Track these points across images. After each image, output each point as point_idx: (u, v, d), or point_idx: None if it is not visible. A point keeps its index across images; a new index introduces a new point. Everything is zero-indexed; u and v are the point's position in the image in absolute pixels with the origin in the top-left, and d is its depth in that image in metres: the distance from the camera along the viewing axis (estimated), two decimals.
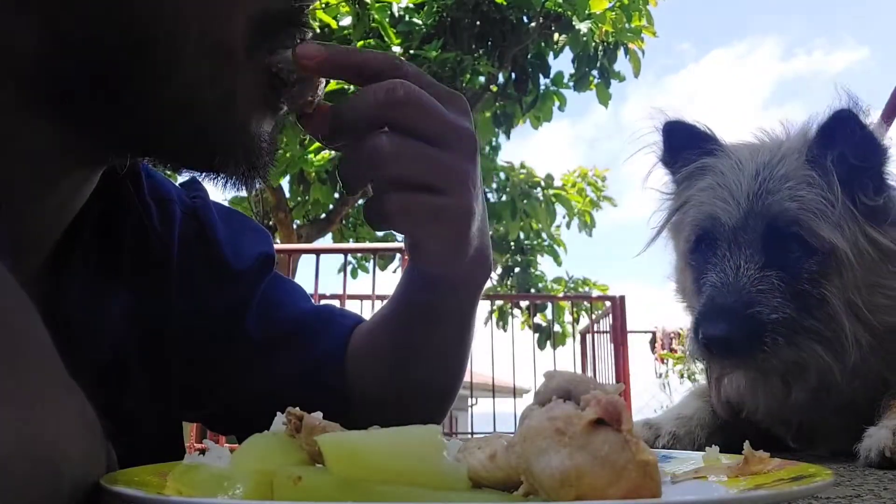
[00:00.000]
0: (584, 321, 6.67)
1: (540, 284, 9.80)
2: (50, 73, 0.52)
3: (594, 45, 7.01)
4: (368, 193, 0.61)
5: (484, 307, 7.46)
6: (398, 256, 6.33)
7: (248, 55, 0.56)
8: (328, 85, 0.63)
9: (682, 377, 6.59)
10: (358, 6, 6.26)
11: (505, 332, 7.67)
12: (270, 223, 7.10)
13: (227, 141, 0.57)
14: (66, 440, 0.32)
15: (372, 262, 5.13)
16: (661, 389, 6.76)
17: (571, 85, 7.47)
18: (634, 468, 0.30)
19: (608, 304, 5.71)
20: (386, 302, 0.79)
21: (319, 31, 6.08)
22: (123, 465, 0.40)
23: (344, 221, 7.84)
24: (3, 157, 0.54)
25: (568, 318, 7.39)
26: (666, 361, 6.82)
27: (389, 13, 6.42)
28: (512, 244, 9.58)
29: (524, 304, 7.69)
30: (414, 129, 0.58)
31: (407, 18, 6.61)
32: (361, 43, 6.14)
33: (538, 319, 7.57)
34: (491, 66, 6.79)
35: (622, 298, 5.53)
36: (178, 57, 0.53)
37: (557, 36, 7.16)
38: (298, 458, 0.38)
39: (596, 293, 9.02)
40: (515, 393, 5.52)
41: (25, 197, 0.57)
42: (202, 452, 0.43)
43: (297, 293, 0.85)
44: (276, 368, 0.78)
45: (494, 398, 5.29)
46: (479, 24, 6.86)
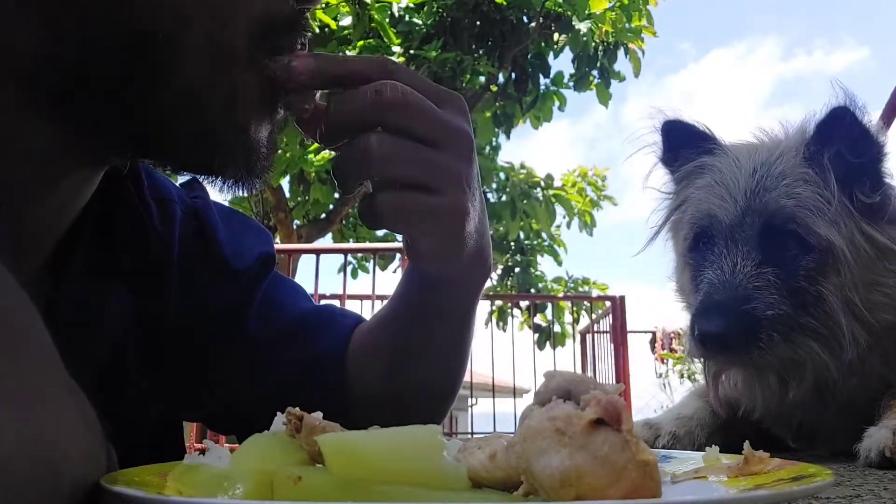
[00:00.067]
0: (584, 321, 6.67)
1: (540, 284, 9.80)
2: (50, 73, 0.52)
3: (594, 45, 7.01)
4: (369, 192, 0.62)
5: (484, 307, 7.46)
6: (398, 256, 6.33)
7: (249, 57, 0.56)
8: None
9: (682, 377, 6.60)
10: (358, 6, 6.26)
11: (505, 332, 7.67)
12: (270, 223, 7.10)
13: (227, 141, 0.57)
14: (66, 440, 0.32)
15: (372, 262, 5.14)
16: (661, 389, 6.77)
17: (571, 85, 7.48)
18: (634, 468, 0.30)
19: (608, 304, 5.71)
20: (386, 302, 0.79)
21: (319, 31, 6.09)
22: (123, 465, 0.40)
23: (344, 221, 7.84)
24: (3, 157, 0.54)
25: (568, 318, 7.39)
26: (666, 361, 6.82)
27: (389, 13, 6.42)
28: (512, 244, 9.58)
29: (524, 304, 7.68)
30: (405, 128, 0.59)
31: (407, 18, 6.61)
32: (361, 43, 6.14)
33: (538, 319, 7.56)
34: (491, 66, 6.79)
35: (622, 298, 5.53)
36: (178, 57, 0.53)
37: (557, 36, 7.16)
38: (298, 458, 0.38)
39: (596, 293, 9.02)
40: (515, 393, 5.52)
41: (25, 197, 0.57)
42: (202, 452, 0.43)
43: (297, 293, 0.85)
44: (276, 368, 0.78)
45: (494, 398, 5.29)
46: (479, 24, 6.86)
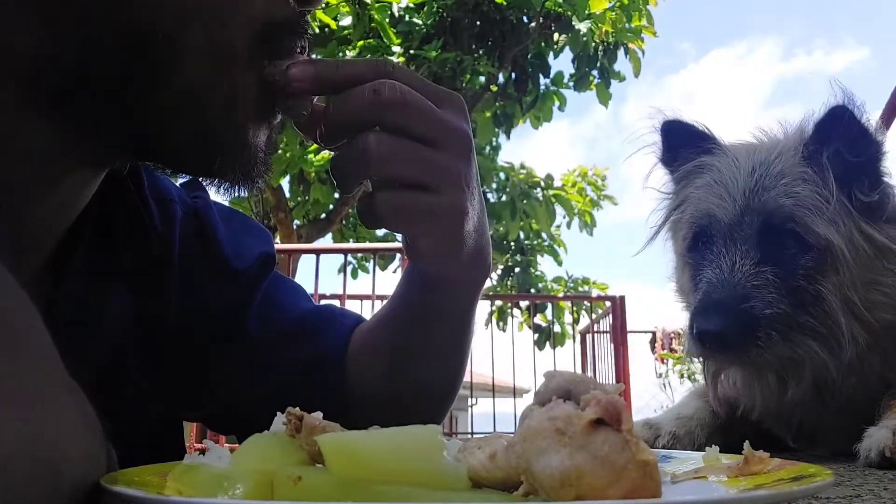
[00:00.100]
0: (584, 321, 6.67)
1: (540, 284, 9.79)
2: (50, 73, 0.52)
3: (594, 45, 7.01)
4: (368, 192, 0.62)
5: (484, 307, 7.46)
6: (398, 256, 6.33)
7: (249, 58, 0.56)
8: None
9: (682, 377, 6.59)
10: (358, 6, 6.26)
11: (505, 332, 7.67)
12: (270, 223, 7.10)
13: (227, 142, 0.57)
14: (66, 440, 0.32)
15: (372, 262, 5.14)
16: (661, 389, 6.77)
17: (571, 85, 7.48)
18: (634, 468, 0.30)
19: (608, 304, 5.71)
20: (386, 302, 0.79)
21: (319, 31, 6.09)
22: (123, 465, 0.40)
23: (344, 221, 7.84)
24: (3, 157, 0.54)
25: (568, 318, 7.39)
26: (666, 361, 6.82)
27: (389, 13, 6.42)
28: (512, 244, 9.57)
29: (524, 304, 7.68)
30: (403, 127, 0.59)
31: (407, 18, 6.61)
32: (361, 43, 6.14)
33: (538, 320, 7.56)
34: (491, 66, 6.79)
35: (622, 298, 5.52)
36: (178, 57, 0.53)
37: (557, 36, 7.15)
38: (298, 458, 0.38)
39: (596, 292, 9.01)
40: (515, 393, 5.52)
41: (25, 197, 0.57)
42: (202, 452, 0.43)
43: (297, 293, 0.85)
44: (276, 368, 0.78)
45: (494, 398, 5.29)
46: (479, 24, 6.86)
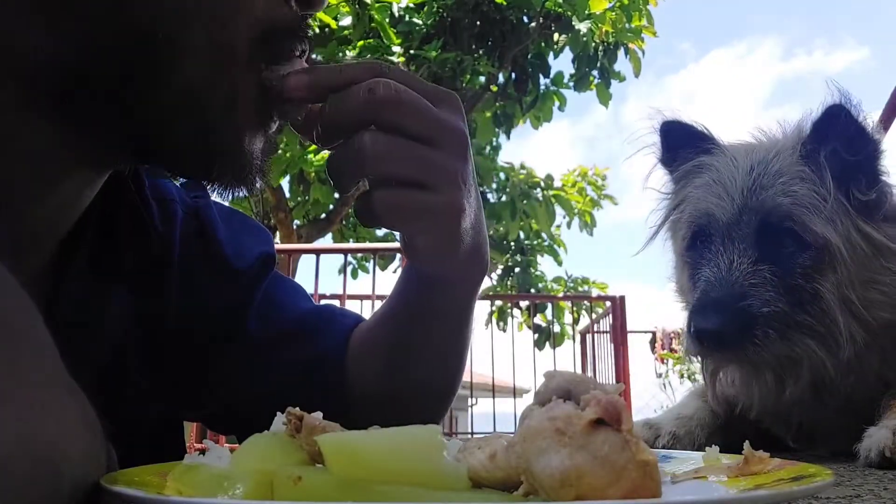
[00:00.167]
0: (584, 321, 6.67)
1: (540, 284, 9.79)
2: (50, 72, 0.52)
3: (594, 45, 7.00)
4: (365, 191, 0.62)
5: (484, 307, 7.46)
6: (398, 256, 6.33)
7: (249, 59, 0.56)
8: None
9: (682, 377, 6.58)
10: (358, 6, 6.26)
11: (505, 332, 7.66)
12: (270, 223, 7.10)
13: (227, 142, 0.57)
14: (66, 440, 0.32)
15: (372, 262, 5.13)
16: (661, 389, 6.76)
17: (571, 85, 7.47)
18: (634, 468, 0.30)
19: (608, 303, 5.70)
20: (385, 301, 0.80)
21: (319, 31, 6.09)
22: (123, 465, 0.40)
23: (344, 221, 7.83)
24: (3, 157, 0.54)
25: (568, 318, 7.38)
26: (666, 361, 6.81)
27: (389, 13, 6.42)
28: (512, 244, 9.57)
29: (524, 304, 7.68)
30: (399, 126, 0.59)
31: (407, 18, 6.61)
32: (361, 43, 6.14)
33: (538, 320, 7.56)
34: (491, 66, 6.79)
35: (622, 298, 5.52)
36: (178, 57, 0.53)
37: (557, 36, 7.15)
38: (298, 458, 0.38)
39: (596, 292, 9.01)
40: (515, 393, 5.52)
41: (25, 197, 0.57)
42: (202, 452, 0.43)
43: (297, 293, 0.85)
44: (276, 368, 0.78)
45: (494, 398, 5.29)
46: (479, 24, 6.86)
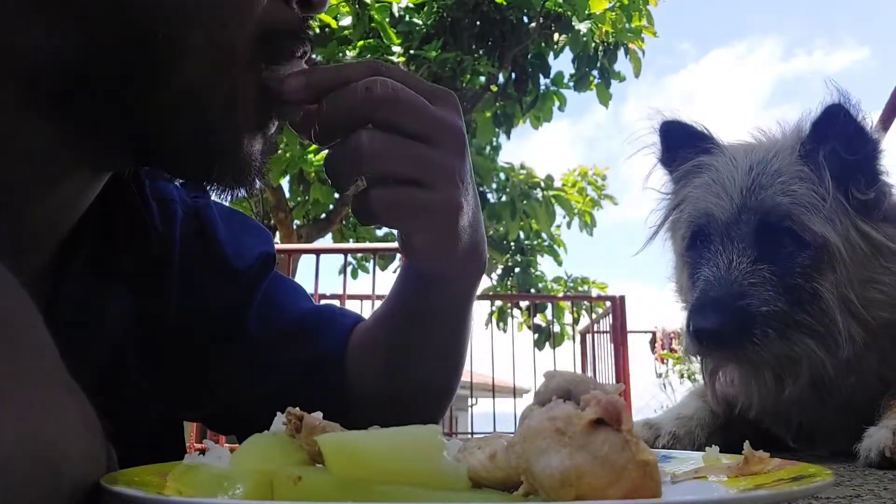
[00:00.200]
0: (584, 321, 6.66)
1: (540, 284, 9.79)
2: (50, 72, 0.52)
3: (594, 45, 7.00)
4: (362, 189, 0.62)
5: (484, 307, 7.45)
6: (398, 256, 6.33)
7: (249, 59, 0.56)
8: None
9: (682, 377, 6.58)
10: (358, 6, 6.26)
11: (505, 332, 7.66)
12: (270, 223, 7.10)
13: (227, 142, 0.57)
14: (66, 440, 0.32)
15: (372, 262, 5.13)
16: (661, 389, 6.76)
17: (571, 85, 7.47)
18: (634, 468, 0.30)
19: (608, 303, 5.70)
20: (383, 300, 0.80)
21: (319, 31, 6.08)
22: (123, 465, 0.40)
23: (344, 221, 7.83)
24: (3, 157, 0.54)
25: (568, 318, 7.37)
26: (666, 361, 6.81)
27: (389, 13, 6.42)
28: (512, 244, 9.57)
29: (524, 304, 7.67)
30: (396, 124, 0.59)
31: (407, 18, 6.61)
32: (361, 43, 6.14)
33: (538, 320, 7.55)
34: (491, 66, 6.79)
35: (622, 298, 5.52)
36: (178, 57, 0.53)
37: (557, 36, 7.15)
38: (298, 458, 0.38)
39: (596, 292, 9.00)
40: (515, 393, 5.52)
41: (25, 197, 0.57)
42: (202, 452, 0.43)
43: (297, 293, 0.85)
44: (276, 368, 0.78)
45: (494, 398, 5.29)
46: (479, 24, 6.86)
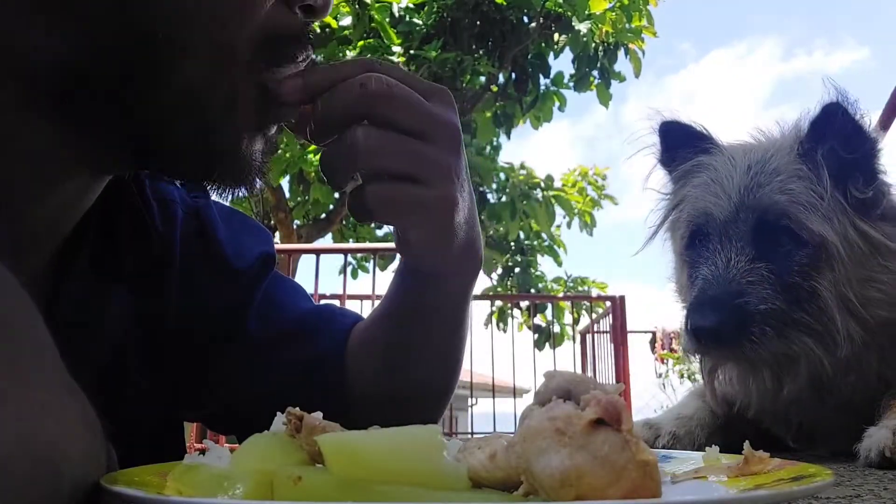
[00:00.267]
0: (584, 321, 6.66)
1: (540, 285, 9.79)
2: (50, 72, 0.52)
3: (594, 45, 7.00)
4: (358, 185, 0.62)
5: (484, 307, 7.46)
6: (398, 256, 6.32)
7: (250, 62, 0.56)
8: None
9: (682, 377, 6.58)
10: (358, 6, 6.26)
11: (505, 332, 7.66)
12: (270, 223, 7.10)
13: (227, 142, 0.57)
14: (66, 440, 0.32)
15: (372, 262, 5.14)
16: (661, 389, 6.76)
17: (571, 85, 7.47)
18: (634, 468, 0.30)
19: (608, 304, 5.70)
20: (381, 300, 0.80)
21: (320, 30, 6.08)
22: (123, 465, 0.40)
23: (344, 221, 7.83)
24: (3, 157, 0.54)
25: (568, 318, 7.37)
26: (666, 361, 6.81)
27: (389, 13, 6.42)
28: (512, 244, 9.57)
29: (524, 304, 7.67)
30: (392, 120, 0.59)
31: (407, 18, 6.61)
32: (362, 43, 6.14)
33: (538, 320, 7.55)
34: (491, 66, 6.79)
35: (622, 298, 5.52)
36: (178, 57, 0.53)
37: (557, 36, 7.15)
38: (298, 458, 0.38)
39: (596, 292, 9.00)
40: (515, 393, 5.52)
41: (25, 197, 0.57)
42: (202, 452, 0.43)
43: (297, 293, 0.85)
44: (276, 368, 0.78)
45: (494, 398, 5.29)
46: (479, 24, 6.86)
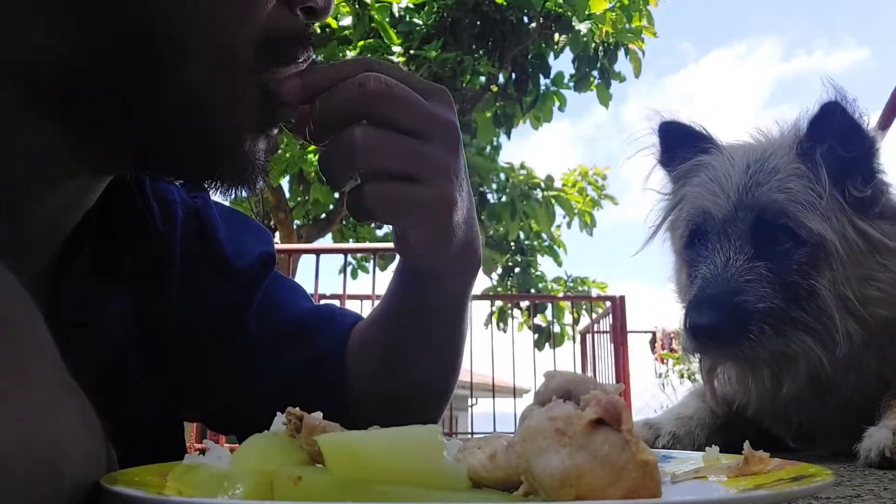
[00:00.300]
0: (584, 321, 6.66)
1: (540, 285, 9.78)
2: (51, 72, 0.52)
3: (594, 45, 7.00)
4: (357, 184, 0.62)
5: (484, 307, 7.46)
6: (398, 256, 6.32)
7: (251, 63, 0.56)
8: None
9: (682, 377, 6.58)
10: (358, 6, 6.26)
11: (505, 332, 7.65)
12: (270, 223, 7.10)
13: (227, 142, 0.57)
14: (66, 440, 0.32)
15: (372, 262, 5.14)
16: (661, 389, 6.76)
17: (571, 85, 7.47)
18: (634, 468, 0.30)
19: (608, 303, 5.70)
20: (380, 300, 0.80)
21: (320, 30, 6.08)
22: (123, 465, 0.40)
23: (344, 221, 7.83)
24: (3, 157, 0.54)
25: (568, 318, 7.37)
26: (666, 361, 6.81)
27: (389, 13, 6.42)
28: (512, 244, 9.56)
29: (524, 304, 7.67)
30: (391, 120, 0.59)
31: (407, 18, 6.61)
32: (362, 43, 6.14)
33: (538, 320, 7.54)
34: (491, 66, 6.79)
35: (622, 298, 5.52)
36: (179, 57, 0.53)
37: (557, 36, 7.15)
38: (298, 458, 0.38)
39: (596, 292, 9.00)
40: (515, 393, 5.52)
41: (26, 197, 0.57)
42: (202, 452, 0.43)
43: (297, 293, 0.85)
44: (276, 368, 0.78)
45: (494, 398, 5.29)
46: (479, 24, 6.86)
